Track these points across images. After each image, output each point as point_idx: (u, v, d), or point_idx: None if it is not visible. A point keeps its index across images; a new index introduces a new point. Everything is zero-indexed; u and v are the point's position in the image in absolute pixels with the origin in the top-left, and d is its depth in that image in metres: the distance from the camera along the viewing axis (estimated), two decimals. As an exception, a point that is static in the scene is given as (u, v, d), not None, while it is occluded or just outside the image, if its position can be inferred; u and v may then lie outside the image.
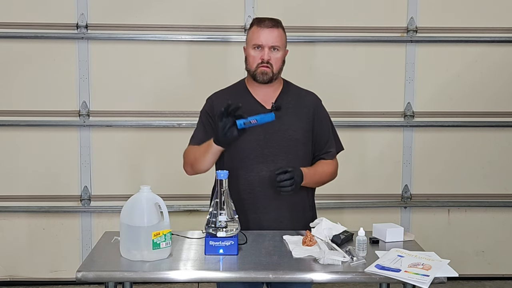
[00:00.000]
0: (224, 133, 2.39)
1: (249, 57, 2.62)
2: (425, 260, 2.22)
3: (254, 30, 2.61)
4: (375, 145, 4.28)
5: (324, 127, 2.71)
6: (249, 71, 2.63)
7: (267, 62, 2.57)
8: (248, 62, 2.63)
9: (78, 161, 4.16)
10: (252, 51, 2.60)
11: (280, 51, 2.61)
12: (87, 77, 4.10)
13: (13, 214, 4.18)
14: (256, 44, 2.59)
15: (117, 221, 2.33)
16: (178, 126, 4.12)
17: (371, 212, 4.27)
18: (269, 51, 2.58)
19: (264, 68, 2.58)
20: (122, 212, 2.27)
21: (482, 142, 4.31)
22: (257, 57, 2.59)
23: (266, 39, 2.57)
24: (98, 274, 2.16)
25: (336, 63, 4.20)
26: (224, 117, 2.37)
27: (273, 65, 2.59)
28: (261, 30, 2.58)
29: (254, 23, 2.63)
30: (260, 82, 2.60)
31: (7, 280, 4.22)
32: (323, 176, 2.69)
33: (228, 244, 2.27)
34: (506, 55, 4.24)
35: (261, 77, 2.59)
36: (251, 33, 2.62)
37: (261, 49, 2.58)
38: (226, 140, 2.42)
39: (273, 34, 2.58)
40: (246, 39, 2.67)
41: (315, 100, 2.73)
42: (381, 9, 4.18)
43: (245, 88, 2.68)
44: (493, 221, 4.37)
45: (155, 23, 4.11)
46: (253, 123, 2.38)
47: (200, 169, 2.62)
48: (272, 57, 2.58)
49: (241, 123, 2.36)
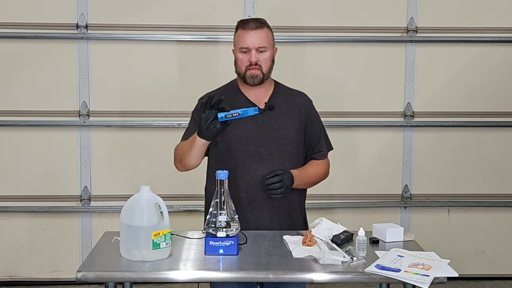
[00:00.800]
0: (207, 126, 2.39)
1: (237, 60, 2.62)
2: (425, 260, 2.22)
3: (240, 33, 2.61)
4: (375, 145, 4.28)
5: (315, 126, 2.71)
6: (238, 74, 2.64)
7: (255, 64, 2.57)
8: (237, 65, 2.63)
9: (78, 161, 4.16)
10: (240, 55, 2.60)
11: (267, 51, 2.60)
12: (87, 77, 4.10)
13: (13, 214, 4.18)
14: (242, 47, 2.59)
15: (117, 221, 2.33)
16: (178, 126, 4.11)
17: (371, 212, 4.27)
18: (256, 52, 2.57)
19: (253, 71, 2.58)
20: (122, 212, 2.27)
21: (482, 142, 4.31)
22: (245, 60, 2.59)
23: (251, 41, 2.57)
24: (98, 274, 2.16)
25: (336, 63, 4.20)
26: (207, 110, 2.38)
27: (262, 66, 2.58)
28: (246, 33, 2.58)
29: (239, 26, 2.63)
30: (251, 84, 2.60)
31: (7, 280, 4.22)
32: (314, 177, 2.69)
33: (228, 244, 2.27)
34: (506, 55, 4.24)
35: (251, 80, 2.59)
36: (237, 37, 2.62)
37: (248, 52, 2.58)
38: (209, 133, 2.42)
39: (258, 35, 2.57)
40: (234, 42, 2.66)
41: (306, 100, 2.74)
42: (381, 9, 4.18)
43: (237, 89, 2.69)
44: (493, 221, 4.37)
45: (155, 23, 4.11)
46: (235, 116, 2.38)
47: (189, 164, 2.60)
48: (260, 58, 2.58)
49: (222, 116, 2.37)
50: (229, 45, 4.12)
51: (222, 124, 2.39)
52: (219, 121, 2.38)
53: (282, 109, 2.65)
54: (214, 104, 2.37)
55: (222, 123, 2.39)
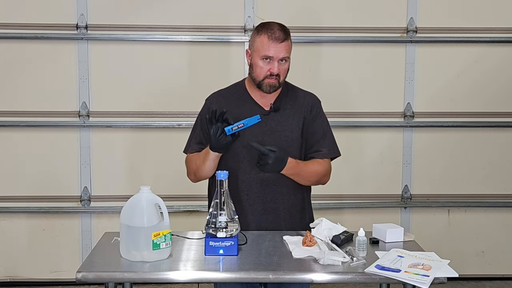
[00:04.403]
0: (217, 139, 2.44)
1: (256, 67, 2.55)
2: (425, 261, 2.22)
3: (265, 40, 2.52)
4: (375, 146, 4.28)
5: (317, 125, 2.66)
6: (254, 79, 2.58)
7: (276, 74, 2.54)
8: (254, 71, 2.56)
9: (78, 162, 4.16)
10: (260, 62, 2.53)
11: (288, 61, 2.57)
12: (87, 78, 4.10)
13: (13, 214, 4.18)
14: (266, 56, 2.52)
15: (117, 222, 2.33)
16: (178, 127, 4.12)
17: (371, 213, 4.27)
18: (278, 64, 2.53)
19: (272, 81, 2.54)
20: (122, 212, 2.27)
21: (482, 142, 4.31)
22: (265, 68, 2.53)
23: (277, 52, 2.51)
24: (98, 275, 2.16)
25: (335, 64, 4.20)
26: (213, 124, 2.42)
27: (281, 76, 2.56)
28: (272, 43, 2.51)
29: (263, 32, 2.54)
30: (267, 92, 2.58)
31: (7, 281, 4.22)
32: (311, 173, 2.62)
33: (228, 244, 2.27)
34: (506, 55, 4.24)
35: (268, 89, 2.56)
36: (260, 43, 2.53)
37: (270, 62, 2.53)
38: (220, 145, 2.46)
39: (284, 48, 2.53)
40: (253, 45, 2.58)
41: (313, 100, 2.71)
42: (381, 10, 4.18)
43: (244, 90, 2.67)
44: (493, 221, 4.37)
45: (155, 23, 4.11)
46: (241, 127, 2.44)
47: (203, 176, 2.64)
48: (281, 69, 2.54)
49: (229, 129, 2.43)
50: (230, 45, 4.17)
51: (231, 135, 2.44)
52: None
53: (287, 111, 2.63)
54: (219, 117, 2.40)
55: (231, 134, 2.44)
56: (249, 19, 4.04)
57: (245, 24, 4.08)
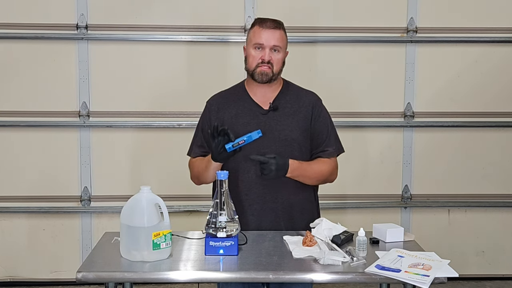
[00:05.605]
0: (219, 152, 2.48)
1: (249, 56, 2.62)
2: (425, 260, 2.22)
3: (256, 30, 2.61)
4: (375, 146, 4.28)
5: (321, 125, 2.68)
6: (248, 70, 2.64)
7: (267, 62, 2.58)
8: (247, 62, 2.63)
9: (78, 162, 4.16)
10: (252, 51, 2.60)
11: (280, 52, 2.61)
12: (87, 78, 4.11)
13: (13, 214, 4.18)
14: (257, 43, 2.59)
15: (117, 222, 2.33)
16: (178, 127, 4.12)
17: (371, 212, 4.27)
18: (270, 51, 2.58)
19: (263, 69, 2.58)
20: (122, 212, 2.27)
21: (483, 142, 4.31)
22: (257, 56, 2.59)
23: (267, 39, 2.57)
24: (98, 275, 2.16)
25: (336, 64, 4.20)
26: (215, 138, 2.46)
27: (274, 66, 2.59)
28: (263, 30, 2.58)
29: (256, 23, 2.64)
30: (259, 82, 2.60)
31: (7, 281, 4.22)
32: (316, 172, 2.63)
33: (228, 244, 2.27)
34: (506, 55, 4.24)
35: (260, 77, 2.59)
36: (252, 33, 2.62)
37: (262, 49, 2.59)
38: (222, 158, 2.51)
39: (275, 35, 2.58)
40: (247, 38, 2.67)
41: (314, 99, 2.72)
42: (381, 9, 4.18)
43: (243, 90, 2.69)
44: (493, 221, 4.37)
45: (155, 23, 4.11)
46: (242, 144, 2.48)
47: (206, 181, 2.67)
48: (273, 58, 2.59)
49: (230, 146, 2.47)
50: (230, 45, 4.17)
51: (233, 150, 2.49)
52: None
53: (287, 110, 2.64)
54: (221, 132, 2.44)
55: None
56: (249, 19, 4.04)
57: (245, 24, 4.08)
